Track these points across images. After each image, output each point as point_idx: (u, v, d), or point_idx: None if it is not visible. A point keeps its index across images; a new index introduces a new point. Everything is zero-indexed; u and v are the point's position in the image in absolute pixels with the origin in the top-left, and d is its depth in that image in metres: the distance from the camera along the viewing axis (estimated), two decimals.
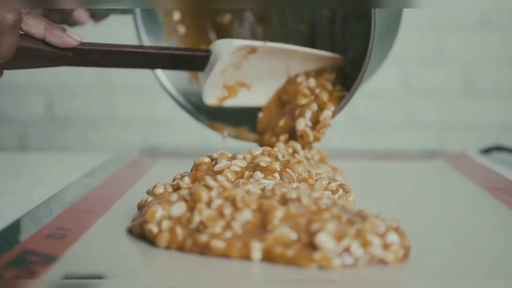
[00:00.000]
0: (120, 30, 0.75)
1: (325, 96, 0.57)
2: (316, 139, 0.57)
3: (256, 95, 0.62)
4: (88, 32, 0.61)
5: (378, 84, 1.01)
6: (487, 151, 0.83)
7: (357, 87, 0.55)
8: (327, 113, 0.56)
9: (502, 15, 0.99)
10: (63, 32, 0.47)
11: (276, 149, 0.51)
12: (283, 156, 0.49)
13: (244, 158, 0.48)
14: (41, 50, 0.47)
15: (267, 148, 0.50)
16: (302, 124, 0.57)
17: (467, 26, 0.99)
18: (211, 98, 0.59)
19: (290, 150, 0.55)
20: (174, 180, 0.47)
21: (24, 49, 0.45)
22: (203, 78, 0.57)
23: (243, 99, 0.61)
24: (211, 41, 0.69)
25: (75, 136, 1.02)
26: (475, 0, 0.98)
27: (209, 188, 0.40)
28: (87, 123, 1.02)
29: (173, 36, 0.67)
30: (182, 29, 0.67)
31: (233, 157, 0.48)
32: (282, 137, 0.58)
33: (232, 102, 0.61)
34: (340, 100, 0.57)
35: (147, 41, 0.64)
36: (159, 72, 0.65)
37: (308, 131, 0.56)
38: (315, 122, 0.57)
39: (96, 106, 1.02)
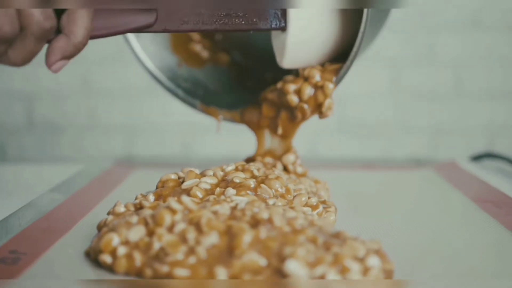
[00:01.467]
0: None
1: (316, 75, 0.53)
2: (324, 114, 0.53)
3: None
4: None
5: (366, 87, 0.98)
6: (478, 158, 0.80)
7: (357, 49, 0.49)
8: (329, 85, 0.52)
9: (494, 15, 0.96)
10: None
11: (252, 164, 0.47)
12: (258, 170, 0.46)
13: (214, 174, 0.44)
14: None
15: (241, 163, 0.47)
16: (295, 99, 0.53)
17: (458, 26, 0.96)
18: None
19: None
20: (136, 198, 0.44)
21: None
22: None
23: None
24: None
25: (54, 144, 0.99)
26: (466, 0, 0.96)
27: (173, 211, 0.36)
28: (68, 130, 0.99)
29: None
30: None
31: (203, 174, 0.45)
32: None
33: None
34: (337, 72, 0.52)
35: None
36: (145, 58, 0.60)
37: (305, 106, 0.53)
38: (315, 107, 0.53)
39: (76, 112, 0.99)
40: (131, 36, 0.58)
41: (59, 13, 0.40)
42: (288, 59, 0.53)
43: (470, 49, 0.97)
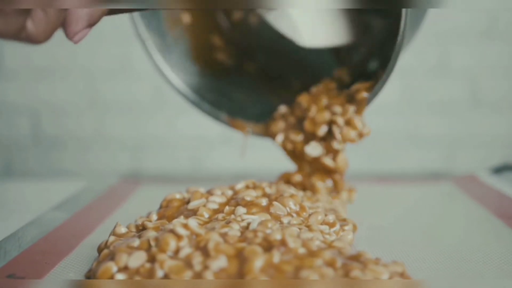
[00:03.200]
0: (116, 23, 0.67)
1: (339, 110, 0.51)
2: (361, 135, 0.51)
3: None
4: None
5: (380, 98, 0.96)
6: (498, 170, 0.77)
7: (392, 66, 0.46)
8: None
9: (508, 24, 0.93)
10: None
11: (263, 182, 0.45)
12: (270, 188, 0.43)
13: (223, 193, 0.42)
14: None
15: (251, 181, 0.44)
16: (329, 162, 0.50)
17: (472, 35, 0.94)
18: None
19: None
20: (136, 221, 0.41)
21: None
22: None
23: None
24: (222, 29, 0.61)
25: (60, 158, 0.97)
26: (482, 8, 0.93)
27: (178, 237, 0.34)
28: (73, 145, 0.97)
29: (177, 27, 0.58)
30: (186, 18, 0.59)
31: (210, 193, 0.42)
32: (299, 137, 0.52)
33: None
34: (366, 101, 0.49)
35: (148, 37, 0.56)
36: (167, 69, 0.57)
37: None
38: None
39: (82, 127, 0.97)
40: (153, 49, 0.56)
41: None
42: (306, 33, 0.48)
43: (485, 58, 0.94)
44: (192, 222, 0.35)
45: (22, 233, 0.45)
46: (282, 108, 0.55)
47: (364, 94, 0.49)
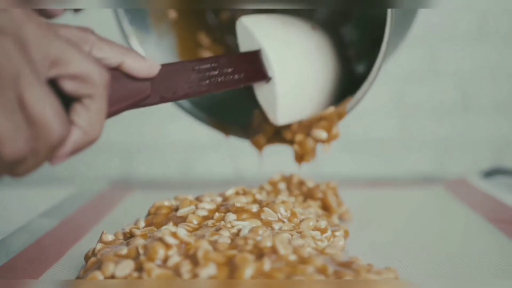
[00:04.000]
0: (100, 19, 0.65)
1: (322, 134, 0.50)
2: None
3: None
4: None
5: (370, 102, 0.96)
6: (488, 174, 0.77)
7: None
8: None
9: (499, 28, 0.94)
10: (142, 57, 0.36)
11: (253, 188, 0.44)
12: (261, 194, 0.42)
13: (212, 200, 0.41)
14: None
15: (242, 187, 0.44)
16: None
17: (462, 39, 0.94)
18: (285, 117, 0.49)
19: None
20: (123, 229, 0.41)
21: None
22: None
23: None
24: (210, 26, 0.60)
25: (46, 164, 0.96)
26: (469, 12, 0.93)
27: (167, 246, 0.33)
28: None
29: (162, 22, 0.57)
30: (173, 13, 0.57)
31: (199, 199, 0.42)
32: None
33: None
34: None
35: (131, 32, 0.54)
36: None
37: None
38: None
39: None
40: (135, 43, 0.55)
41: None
42: (281, 113, 0.48)
43: (475, 62, 0.95)
44: (181, 231, 0.34)
45: (10, 241, 0.45)
46: (257, 114, 0.54)
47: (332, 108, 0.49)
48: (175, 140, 0.95)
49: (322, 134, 0.49)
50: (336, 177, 0.74)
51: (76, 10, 0.55)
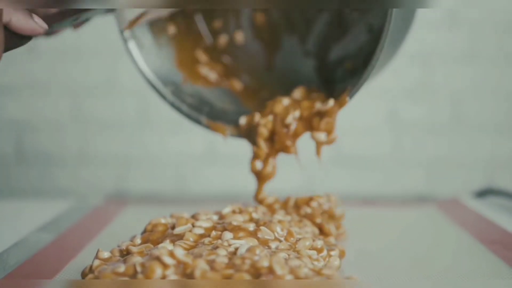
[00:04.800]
0: (103, 31, 0.66)
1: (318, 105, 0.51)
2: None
3: None
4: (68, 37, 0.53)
5: (364, 119, 0.97)
6: (481, 194, 0.78)
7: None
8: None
9: (491, 48, 0.95)
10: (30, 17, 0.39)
11: (250, 207, 0.45)
12: (256, 213, 0.43)
13: (208, 218, 0.42)
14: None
15: (238, 206, 0.44)
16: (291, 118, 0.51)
17: (455, 57, 0.95)
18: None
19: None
20: (119, 246, 0.41)
21: None
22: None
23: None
24: (206, 44, 0.62)
25: (42, 176, 0.96)
26: (463, 31, 0.94)
27: (164, 265, 0.33)
28: (59, 162, 0.96)
29: (161, 35, 0.58)
30: (172, 28, 0.59)
31: (195, 217, 0.42)
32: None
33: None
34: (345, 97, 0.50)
35: (130, 36, 0.56)
36: (150, 72, 0.56)
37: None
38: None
39: (67, 144, 0.96)
40: (134, 47, 0.56)
41: None
42: None
43: (467, 81, 0.96)
44: (179, 251, 0.34)
45: (7, 255, 0.45)
46: (242, 120, 0.55)
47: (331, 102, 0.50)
48: (170, 154, 0.96)
49: (321, 136, 0.50)
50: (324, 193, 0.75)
51: (75, 26, 0.56)
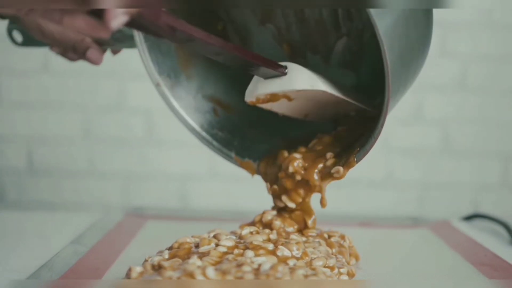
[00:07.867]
0: (111, 59, 0.69)
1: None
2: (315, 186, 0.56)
3: (294, 105, 0.57)
4: None
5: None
6: (468, 218, 0.84)
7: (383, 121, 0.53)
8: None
9: (480, 77, 1.00)
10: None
11: (267, 230, 0.51)
12: (271, 231, 0.49)
13: (228, 238, 0.48)
14: None
15: (254, 228, 0.50)
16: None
17: (446, 86, 1.00)
18: (251, 97, 0.54)
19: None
20: (145, 261, 0.47)
21: None
22: (258, 81, 0.53)
23: (280, 107, 0.56)
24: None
25: (54, 189, 1.00)
26: (454, 60, 0.99)
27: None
28: (68, 176, 1.00)
29: (190, 66, 0.60)
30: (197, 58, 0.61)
31: (216, 237, 0.48)
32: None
33: (270, 106, 0.55)
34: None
35: (148, 58, 0.57)
36: (179, 108, 0.59)
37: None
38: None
39: (77, 158, 1.00)
40: (166, 89, 0.58)
41: None
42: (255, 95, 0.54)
43: (457, 108, 1.00)
44: (210, 271, 0.40)
45: (52, 264, 0.50)
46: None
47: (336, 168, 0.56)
48: (174, 171, 1.00)
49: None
50: (322, 215, 0.79)
51: (114, 53, 0.61)
